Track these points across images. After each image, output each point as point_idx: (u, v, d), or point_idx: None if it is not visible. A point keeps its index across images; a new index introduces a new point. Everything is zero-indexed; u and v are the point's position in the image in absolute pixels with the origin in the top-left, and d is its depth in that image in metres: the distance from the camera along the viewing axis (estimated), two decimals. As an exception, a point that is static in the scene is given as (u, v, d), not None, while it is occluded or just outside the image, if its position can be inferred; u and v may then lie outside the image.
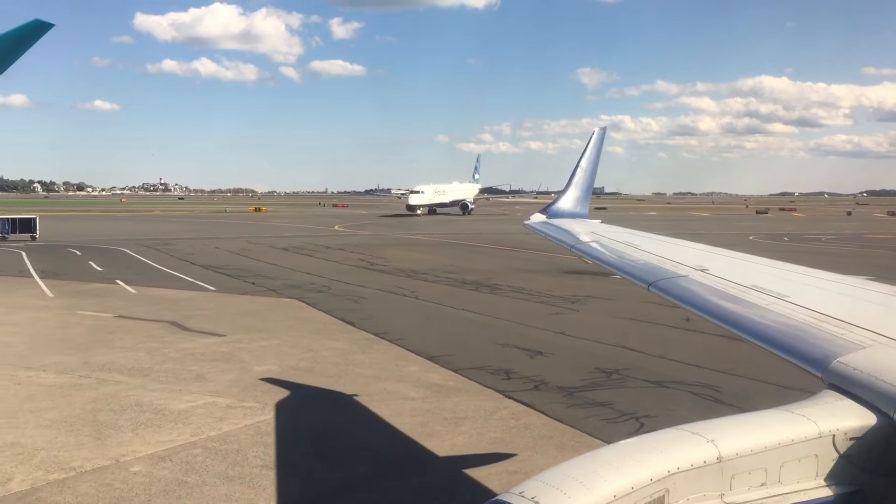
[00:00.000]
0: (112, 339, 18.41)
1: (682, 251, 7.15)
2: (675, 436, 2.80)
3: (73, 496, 8.94)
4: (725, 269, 5.77)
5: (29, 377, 14.59)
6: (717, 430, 2.84)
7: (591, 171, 10.93)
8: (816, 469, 2.93)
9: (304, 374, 14.98)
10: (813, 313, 4.33)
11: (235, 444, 10.72)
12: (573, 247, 8.00)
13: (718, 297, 4.99)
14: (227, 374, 14.88)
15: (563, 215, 10.19)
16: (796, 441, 2.88)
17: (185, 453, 10.40)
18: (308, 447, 10.79)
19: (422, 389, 13.83)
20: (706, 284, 5.34)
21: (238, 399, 13.09)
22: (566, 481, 2.46)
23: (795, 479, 2.88)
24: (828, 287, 5.45)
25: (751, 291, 5.01)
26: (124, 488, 9.17)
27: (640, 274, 6.04)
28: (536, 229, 9.68)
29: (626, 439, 2.79)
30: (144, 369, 15.31)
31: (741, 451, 2.76)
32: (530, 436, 11.08)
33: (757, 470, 2.80)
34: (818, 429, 2.94)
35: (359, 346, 17.67)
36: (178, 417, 12.01)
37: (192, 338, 18.59)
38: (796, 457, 2.88)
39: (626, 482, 2.49)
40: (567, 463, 2.59)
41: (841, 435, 2.96)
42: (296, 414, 12.28)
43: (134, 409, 12.44)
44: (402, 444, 10.90)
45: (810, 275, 5.81)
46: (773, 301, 4.72)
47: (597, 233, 8.70)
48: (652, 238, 8.12)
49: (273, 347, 17.52)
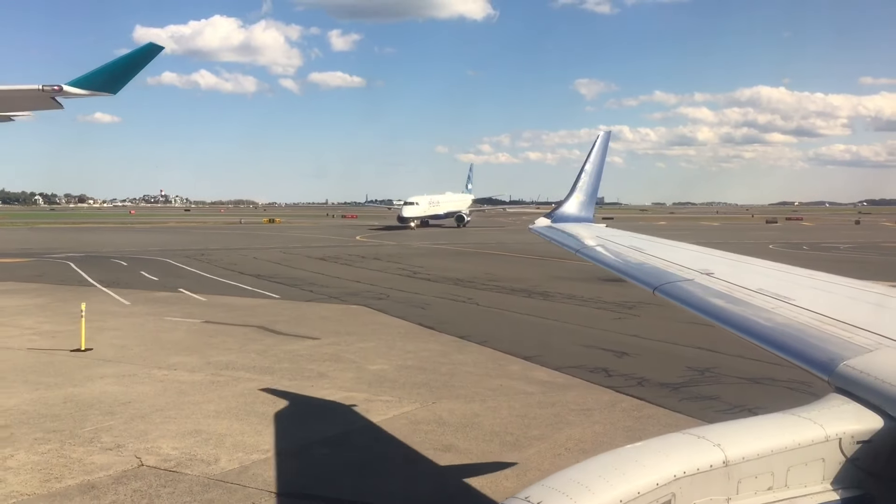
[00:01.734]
0: (216, 341, 19.55)
1: (687, 255, 7.16)
2: (680, 440, 2.81)
3: (284, 471, 10.11)
4: (730, 273, 5.80)
5: (166, 375, 15.74)
6: (723, 434, 2.85)
7: (596, 175, 10.84)
8: (823, 473, 2.92)
9: (417, 372, 16.14)
10: (819, 316, 4.34)
11: (397, 432, 11.88)
12: (578, 251, 7.97)
13: (724, 301, 5.00)
14: (347, 373, 16.04)
15: (567, 219, 10.11)
16: (803, 445, 2.87)
17: (355, 439, 11.58)
18: (468, 432, 11.90)
19: (535, 385, 15.01)
20: (711, 288, 5.34)
21: (372, 394, 14.25)
22: (571, 486, 2.47)
23: (802, 483, 2.87)
24: (833, 290, 5.42)
25: (756, 295, 5.00)
26: (324, 465, 10.34)
27: (646, 278, 6.06)
28: (541, 234, 9.64)
29: (631, 444, 2.80)
30: (265, 368, 16.47)
31: (747, 455, 2.76)
32: (659, 424, 12.25)
33: (763, 474, 2.79)
34: (825, 432, 2.93)
35: (452, 348, 18.84)
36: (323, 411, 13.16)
37: (289, 341, 19.74)
38: (803, 461, 2.87)
39: (632, 487, 2.49)
40: (572, 468, 2.61)
41: (848, 438, 2.95)
42: (435, 406, 13.41)
43: (285, 403, 13.60)
44: (546, 431, 12.04)
45: (815, 278, 5.82)
46: (778, 304, 4.73)
47: (602, 237, 8.68)
48: (656, 242, 8.08)
49: (371, 349, 18.68)
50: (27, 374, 15.68)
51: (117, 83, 18.11)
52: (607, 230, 9.54)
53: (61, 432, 11.77)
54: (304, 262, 45.41)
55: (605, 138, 11.14)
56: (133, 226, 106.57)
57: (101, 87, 17.93)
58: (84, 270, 38.53)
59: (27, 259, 46.10)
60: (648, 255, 6.90)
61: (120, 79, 18.05)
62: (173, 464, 10.39)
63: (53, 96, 18.45)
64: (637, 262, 6.75)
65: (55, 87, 17.64)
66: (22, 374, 15.77)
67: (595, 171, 10.78)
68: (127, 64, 17.97)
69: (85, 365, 16.69)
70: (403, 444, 11.36)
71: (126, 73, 18.11)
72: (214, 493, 9.40)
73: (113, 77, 17.90)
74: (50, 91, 17.53)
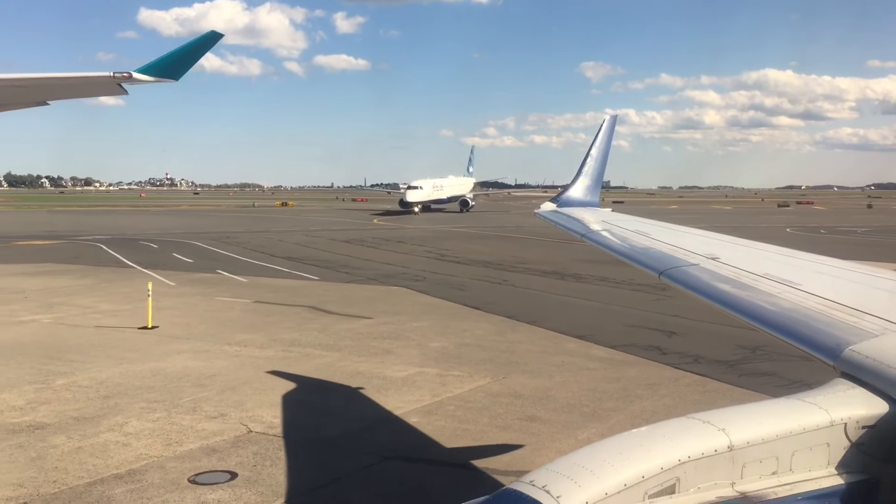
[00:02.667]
0: (274, 320, 20.24)
1: (693, 239, 7.17)
2: (685, 424, 2.81)
3: (386, 438, 10.81)
4: (736, 258, 5.78)
5: (238, 351, 16.45)
6: (728, 418, 2.85)
7: (602, 159, 10.80)
8: (828, 457, 2.93)
9: (477, 349, 16.81)
10: (825, 301, 4.34)
11: (478, 403, 12.57)
12: (584, 235, 7.97)
13: (729, 286, 4.99)
14: (411, 350, 16.72)
15: (573, 204, 10.10)
16: (808, 430, 2.88)
17: (443, 409, 12.26)
18: (546, 404, 12.57)
19: (596, 362, 15.68)
20: (717, 273, 5.34)
21: (442, 369, 14.94)
22: (576, 470, 2.49)
23: (807, 468, 2.88)
24: (840, 275, 5.44)
25: (762, 279, 5.00)
26: (427, 431, 11.04)
27: (651, 262, 6.06)
28: (547, 218, 9.66)
29: (635, 428, 2.83)
30: (330, 345, 17.16)
31: (752, 439, 2.76)
32: (726, 398, 12.90)
33: (768, 458, 2.80)
34: (830, 417, 2.94)
35: (504, 328, 19.50)
36: (405, 383, 13.86)
37: (344, 320, 20.42)
38: (808, 445, 2.89)
39: (637, 470, 2.50)
40: (577, 452, 2.63)
41: (853, 423, 2.97)
42: (506, 380, 14.09)
43: (360, 377, 14.29)
44: (618, 404, 12.71)
45: (822, 262, 5.83)
46: (784, 289, 4.72)
47: (607, 221, 8.66)
48: (662, 226, 8.09)
49: (427, 328, 19.35)
50: (107, 350, 16.40)
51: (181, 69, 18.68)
52: (613, 214, 9.57)
53: (163, 402, 12.48)
54: (329, 244, 46.06)
55: (611, 123, 11.21)
56: (148, 209, 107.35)
57: (166, 74, 18.50)
58: (117, 252, 39.22)
59: (57, 241, 46.82)
60: (654, 239, 6.90)
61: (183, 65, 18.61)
62: (275, 432, 11.09)
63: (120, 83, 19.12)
64: (643, 247, 6.74)
65: (125, 74, 18.22)
66: (102, 349, 16.48)
67: (601, 156, 10.78)
68: (190, 51, 18.51)
69: (157, 342, 17.40)
70: (489, 413, 12.04)
71: (189, 59, 18.64)
72: (329, 456, 10.10)
73: (177, 64, 18.46)
74: (120, 78, 18.17)
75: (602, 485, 2.42)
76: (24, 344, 16.99)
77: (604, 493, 2.41)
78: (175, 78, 21.07)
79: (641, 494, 2.50)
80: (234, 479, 9.27)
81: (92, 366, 14.95)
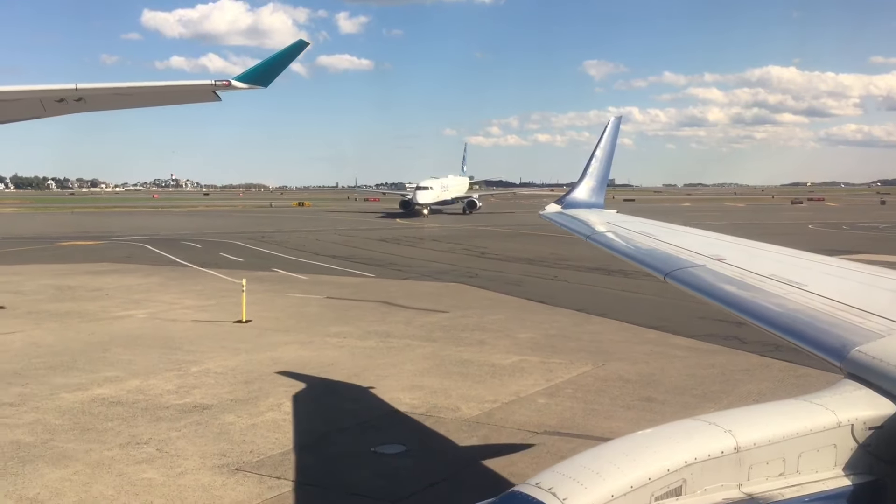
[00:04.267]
0: (355, 315, 21.24)
1: (699, 240, 7.19)
2: (691, 426, 2.83)
3: (526, 417, 11.82)
4: (742, 259, 5.81)
5: (340, 342, 17.46)
6: (735, 420, 2.86)
7: (607, 161, 10.88)
8: (835, 459, 2.92)
9: (563, 339, 17.81)
10: (831, 302, 4.33)
11: (592, 387, 13.56)
12: (589, 237, 7.99)
13: (735, 287, 5.00)
14: (502, 340, 17.72)
15: (578, 205, 10.20)
16: (814, 431, 2.88)
17: (562, 392, 13.26)
18: (655, 388, 13.56)
19: (682, 350, 16.67)
20: (722, 274, 5.34)
21: (541, 357, 15.93)
22: (582, 472, 2.49)
23: (814, 469, 2.88)
24: (846, 275, 5.42)
25: (768, 280, 4.99)
26: (559, 411, 12.04)
27: (657, 264, 6.07)
28: (552, 220, 9.77)
29: (642, 430, 2.84)
30: (423, 336, 18.16)
31: (759, 441, 2.77)
32: (819, 381, 13.81)
33: (775, 460, 2.80)
34: (836, 418, 2.93)
35: (579, 320, 20.48)
36: (514, 370, 14.86)
37: (422, 314, 21.41)
38: (815, 447, 2.88)
39: (643, 472, 2.51)
40: (583, 454, 2.65)
41: (860, 424, 2.96)
42: (607, 367, 15.07)
43: (469, 364, 15.28)
44: (723, 387, 13.70)
45: (828, 263, 5.83)
46: (790, 290, 4.72)
47: (612, 223, 8.67)
48: (667, 227, 8.10)
49: (504, 321, 20.33)
50: (218, 342, 17.43)
51: (270, 77, 19.74)
52: (618, 216, 9.58)
53: (299, 387, 13.49)
54: (367, 243, 47.07)
55: (616, 124, 11.31)
56: (168, 209, 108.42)
57: (258, 81, 19.57)
58: (164, 252, 40.23)
59: (98, 242, 47.90)
60: (659, 241, 6.90)
61: (273, 73, 19.68)
62: (423, 410, 12.11)
63: (216, 90, 20.16)
64: (648, 249, 6.76)
65: (224, 82, 19.27)
66: (213, 341, 17.51)
67: (605, 157, 10.87)
68: (280, 59, 19.57)
69: (258, 334, 18.42)
70: (606, 395, 13.04)
71: (278, 67, 19.69)
72: (483, 431, 11.12)
73: (268, 72, 19.51)
74: (220, 86, 19.21)
75: (608, 487, 2.44)
76: (136, 336, 18.03)
77: (610, 495, 2.42)
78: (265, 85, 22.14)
79: (648, 496, 2.51)
80: (407, 450, 10.28)
81: (214, 355, 15.96)
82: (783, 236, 51.24)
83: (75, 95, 18.94)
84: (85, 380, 13.91)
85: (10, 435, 10.82)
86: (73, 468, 9.55)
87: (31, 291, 25.62)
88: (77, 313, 21.24)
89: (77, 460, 9.83)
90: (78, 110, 20.19)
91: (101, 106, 20.55)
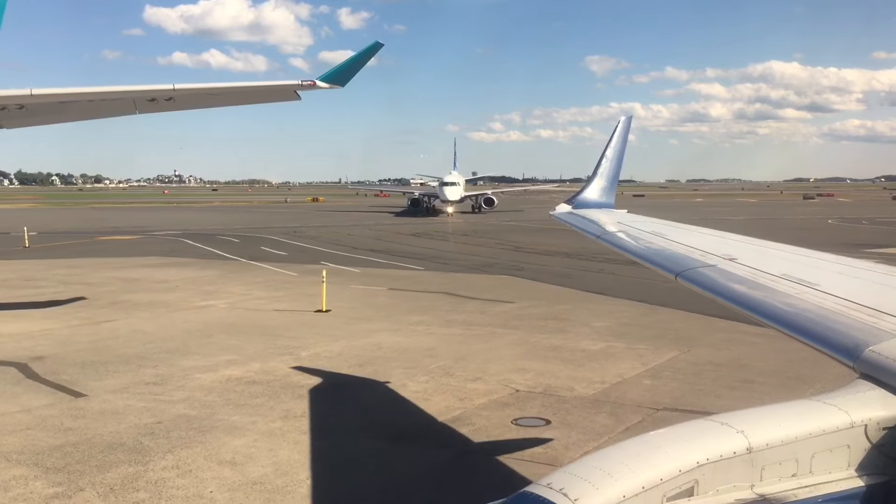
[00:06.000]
0: (425, 305, 22.05)
1: (710, 240, 7.21)
2: (703, 427, 2.83)
3: (640, 395, 12.66)
4: (754, 258, 5.82)
5: (426, 330, 18.28)
6: (747, 420, 2.86)
7: (617, 160, 10.91)
8: (848, 459, 2.93)
9: (640, 328, 18.63)
10: (844, 301, 4.32)
11: (687, 370, 14.39)
12: (599, 237, 8.02)
13: (747, 287, 4.99)
14: (580, 328, 18.55)
15: (588, 205, 10.22)
16: (828, 431, 2.87)
17: (662, 375, 14.09)
18: (749, 371, 14.39)
19: (756, 338, 17.40)
20: (734, 274, 5.35)
21: (626, 344, 16.76)
22: (594, 472, 2.50)
23: (827, 470, 2.88)
24: (859, 275, 5.39)
25: (780, 280, 5.00)
26: (667, 391, 12.89)
27: (668, 264, 6.07)
28: (562, 220, 9.79)
29: (654, 430, 2.85)
30: (503, 324, 18.99)
31: (771, 441, 2.76)
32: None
33: (787, 460, 2.81)
34: (850, 419, 2.93)
35: (645, 310, 21.28)
36: (605, 355, 15.69)
37: (491, 304, 22.23)
38: (828, 447, 2.88)
39: (655, 473, 2.52)
40: (595, 454, 2.66)
41: (873, 425, 2.96)
42: (693, 352, 15.91)
43: (561, 350, 16.12)
44: (815, 371, 14.54)
45: (841, 262, 5.81)
46: (803, 290, 4.71)
47: (623, 223, 8.70)
48: (679, 227, 8.14)
49: (572, 310, 21.14)
50: (312, 329, 18.27)
51: (348, 77, 20.65)
52: (629, 216, 9.63)
53: (415, 369, 14.34)
54: (399, 237, 47.90)
55: (626, 123, 11.32)
56: (186, 205, 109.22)
57: (337, 81, 20.46)
58: (206, 246, 41.06)
59: (135, 237, 48.77)
60: (670, 240, 6.92)
61: (351, 73, 20.59)
62: (541, 390, 12.96)
63: (297, 90, 21.03)
64: (659, 248, 6.75)
65: (310, 82, 20.15)
66: (306, 329, 18.36)
67: (616, 157, 10.91)
68: (357, 60, 20.45)
69: (345, 323, 19.24)
70: (705, 377, 13.88)
71: (356, 68, 20.61)
72: (605, 408, 11.96)
73: (348, 72, 20.46)
74: (306, 87, 20.06)
75: (619, 487, 2.44)
76: (230, 324, 18.88)
77: (621, 496, 2.43)
78: (342, 84, 22.98)
79: (660, 497, 2.51)
80: (548, 424, 11.14)
81: (315, 341, 16.81)
82: (807, 231, 52.14)
83: (168, 95, 19.81)
84: (208, 362, 14.76)
85: (173, 410, 11.68)
86: (250, 437, 10.41)
87: (99, 283, 26.45)
88: (160, 303, 22.08)
89: (249, 430, 10.69)
90: (166, 109, 21.10)
91: (188, 105, 21.47)
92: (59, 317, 19.89)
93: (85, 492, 8.60)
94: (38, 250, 38.97)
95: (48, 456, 9.69)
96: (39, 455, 9.71)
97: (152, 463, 9.47)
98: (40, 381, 13.39)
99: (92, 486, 8.73)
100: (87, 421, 11.12)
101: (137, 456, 9.69)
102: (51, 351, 15.73)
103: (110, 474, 9.09)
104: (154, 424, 10.96)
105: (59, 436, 10.46)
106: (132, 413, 11.49)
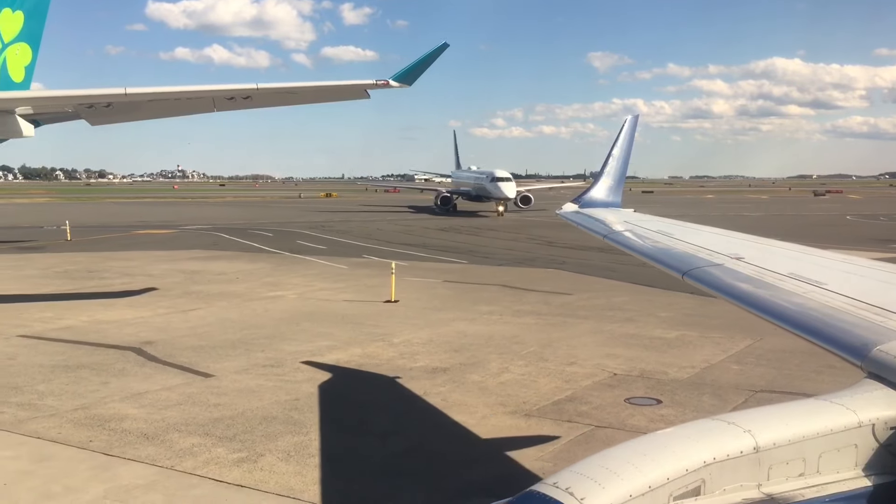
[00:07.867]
0: (486, 296, 22.78)
1: (717, 239, 7.26)
2: (710, 426, 2.83)
3: (731, 378, 13.44)
4: (761, 257, 5.83)
5: (501, 319, 19.05)
6: (754, 420, 2.87)
7: (624, 159, 10.99)
8: (856, 459, 2.92)
9: (703, 318, 19.36)
10: (851, 301, 4.34)
11: (769, 356, 15.14)
12: (606, 236, 8.07)
13: (754, 286, 5.00)
14: (647, 318, 19.32)
15: (595, 205, 10.25)
16: (835, 431, 2.88)
17: (745, 360, 14.86)
18: (827, 358, 15.13)
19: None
20: (741, 273, 5.36)
21: (698, 333, 17.52)
22: (601, 472, 2.51)
23: (834, 470, 2.88)
24: (866, 274, 5.41)
25: (787, 279, 5.01)
26: (758, 374, 13.67)
27: (675, 263, 6.11)
28: (569, 219, 9.83)
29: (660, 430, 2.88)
30: (572, 314, 19.75)
31: (778, 441, 2.77)
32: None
33: (795, 460, 2.81)
34: (857, 418, 2.93)
35: (701, 301, 21.54)
36: (682, 342, 16.48)
37: (551, 296, 22.97)
38: (835, 447, 2.88)
39: (662, 472, 2.52)
40: (601, 453, 2.67)
41: (881, 424, 2.96)
42: (765, 341, 16.66)
43: (639, 337, 16.89)
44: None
45: (848, 262, 5.83)
46: (810, 289, 4.72)
47: (630, 222, 8.72)
48: (686, 226, 8.20)
49: (631, 302, 21.89)
50: (389, 319, 19.05)
51: (416, 76, 21.47)
52: (635, 215, 9.67)
53: (507, 354, 15.13)
54: (429, 232, 48.64)
55: (633, 123, 11.40)
56: (200, 200, 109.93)
57: (406, 81, 21.27)
58: (243, 240, 41.77)
59: (170, 231, 49.50)
60: (677, 240, 6.98)
61: (419, 73, 21.42)
62: (637, 373, 13.74)
63: (368, 89, 21.82)
64: (666, 247, 6.80)
65: (383, 81, 20.96)
66: (384, 318, 19.14)
67: (623, 156, 10.97)
68: (425, 60, 21.26)
69: (418, 312, 20.02)
70: (789, 363, 14.64)
71: (423, 67, 21.43)
72: (706, 390, 12.76)
73: (416, 72, 21.31)
74: (379, 86, 20.84)
75: (626, 487, 2.45)
76: (310, 313, 19.66)
77: (628, 495, 2.44)
78: (409, 83, 23.90)
79: (666, 496, 2.52)
80: (660, 403, 11.92)
81: (400, 329, 17.59)
82: (828, 227, 52.79)
83: (247, 94, 20.59)
84: (310, 347, 15.55)
85: (303, 388, 12.48)
86: (403, 409, 11.23)
87: (161, 275, 27.21)
88: (231, 294, 22.86)
89: (397, 402, 11.51)
90: (242, 107, 21.91)
91: (264, 103, 22.28)
92: (142, 306, 20.68)
93: (265, 457, 9.40)
94: (81, 243, 39.73)
95: (213, 427, 10.50)
96: (204, 426, 10.52)
97: (312, 433, 10.26)
98: (163, 363, 14.18)
99: (270, 452, 9.54)
100: (229, 398, 11.92)
101: (295, 427, 10.50)
102: (156, 336, 16.52)
103: (280, 442, 9.90)
104: (292, 401, 11.76)
105: (213, 410, 11.26)
106: (266, 391, 12.29)
